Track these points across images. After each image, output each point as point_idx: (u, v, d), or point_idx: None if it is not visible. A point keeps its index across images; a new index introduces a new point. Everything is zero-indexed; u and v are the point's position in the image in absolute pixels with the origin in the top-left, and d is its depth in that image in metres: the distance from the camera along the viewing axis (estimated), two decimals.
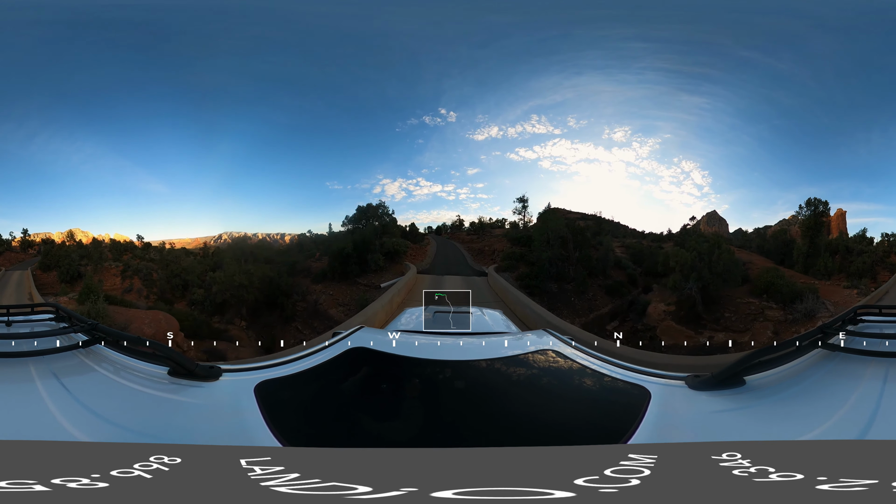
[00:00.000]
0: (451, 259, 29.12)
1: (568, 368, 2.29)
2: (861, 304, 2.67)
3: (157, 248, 24.32)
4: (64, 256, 17.79)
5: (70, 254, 18.00)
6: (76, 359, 2.13)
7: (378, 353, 2.35)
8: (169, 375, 2.10)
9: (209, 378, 2.10)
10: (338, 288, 24.19)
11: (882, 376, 1.84)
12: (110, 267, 19.97)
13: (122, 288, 19.43)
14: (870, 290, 17.15)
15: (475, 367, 2.23)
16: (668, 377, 2.12)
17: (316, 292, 23.69)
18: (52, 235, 22.51)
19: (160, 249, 24.22)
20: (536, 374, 2.29)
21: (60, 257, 17.83)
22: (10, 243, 20.75)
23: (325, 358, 2.28)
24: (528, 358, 2.38)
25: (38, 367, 1.97)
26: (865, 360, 1.96)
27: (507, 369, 2.29)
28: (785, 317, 14.94)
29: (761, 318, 15.13)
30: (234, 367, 2.24)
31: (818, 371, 2.01)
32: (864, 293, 16.52)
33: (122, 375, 2.08)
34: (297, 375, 2.16)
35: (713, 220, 27.98)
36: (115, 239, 24.11)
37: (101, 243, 21.98)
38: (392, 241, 26.71)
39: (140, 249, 23.64)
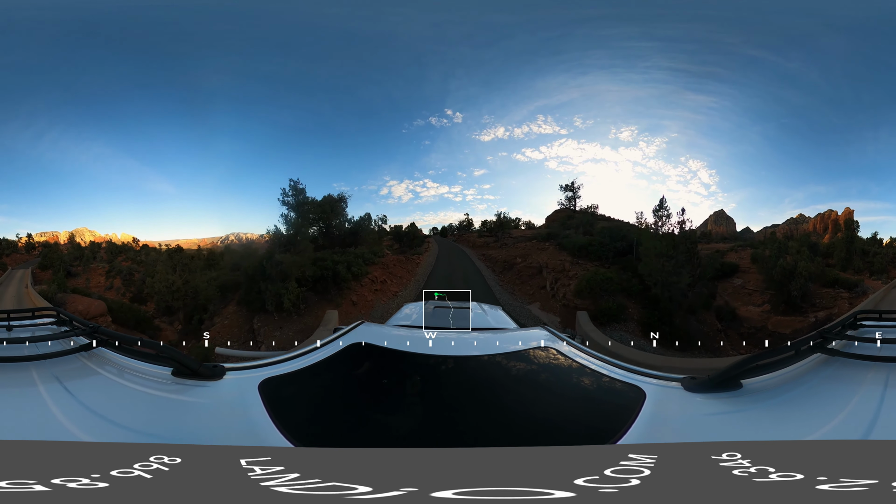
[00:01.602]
0: (459, 279, 20.90)
1: (567, 366, 2.30)
2: (861, 309, 2.66)
3: (154, 249, 24.65)
4: (57, 258, 21.18)
5: (62, 256, 21.36)
6: (78, 362, 2.12)
7: (380, 348, 2.36)
8: (172, 376, 2.10)
9: (213, 377, 2.11)
10: (234, 318, 17.52)
11: (883, 381, 1.83)
12: (97, 267, 22.23)
13: (105, 286, 21.07)
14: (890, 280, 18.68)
15: (476, 362, 2.24)
16: (664, 378, 2.11)
17: (224, 314, 18.20)
18: (58, 233, 24.25)
19: (156, 250, 24.46)
20: (536, 370, 2.31)
21: (54, 259, 21.19)
22: (17, 245, 23.44)
23: (327, 354, 2.30)
24: (529, 354, 2.40)
25: (39, 371, 1.97)
26: (865, 365, 1.95)
27: (507, 365, 2.32)
28: (850, 297, 17.81)
29: (838, 299, 17.91)
30: (237, 366, 2.25)
31: (817, 375, 1.99)
32: (885, 281, 18.64)
33: (125, 377, 2.08)
34: (300, 372, 2.17)
35: (721, 219, 27.86)
36: (112, 239, 25.14)
37: (98, 245, 23.76)
38: (342, 258, 18.13)
39: (133, 251, 24.40)
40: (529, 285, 19.67)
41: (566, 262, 19.34)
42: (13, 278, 20.44)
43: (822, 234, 25.41)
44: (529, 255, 21.32)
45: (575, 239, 21.19)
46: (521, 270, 20.67)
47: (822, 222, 25.93)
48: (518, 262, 21.31)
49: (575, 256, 19.88)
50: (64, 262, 21.02)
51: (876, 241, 22.30)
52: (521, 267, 20.94)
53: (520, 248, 22.82)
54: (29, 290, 18.69)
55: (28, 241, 23.79)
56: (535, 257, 20.79)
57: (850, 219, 22.59)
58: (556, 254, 20.60)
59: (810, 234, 24.33)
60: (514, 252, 22.47)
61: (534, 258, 20.73)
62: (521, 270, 20.73)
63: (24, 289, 18.97)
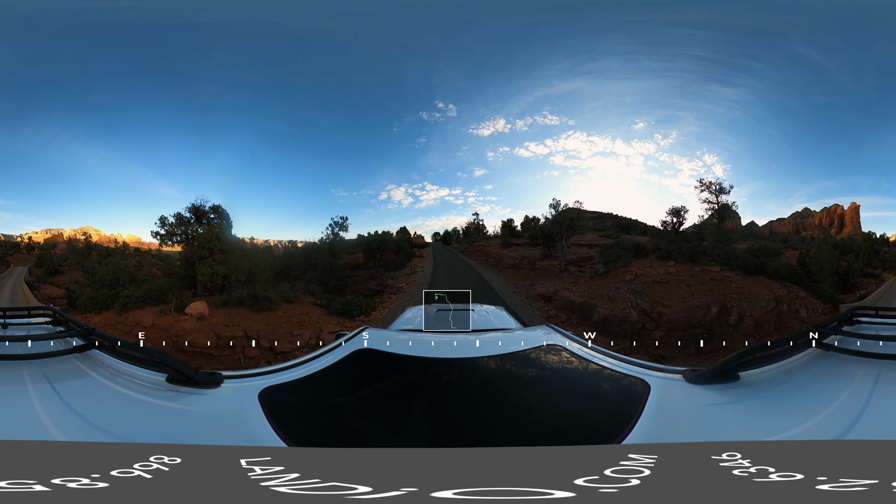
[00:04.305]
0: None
1: (572, 363, 2.30)
2: (858, 305, 2.68)
3: (141, 251, 26.07)
4: (48, 259, 24.50)
5: (52, 256, 24.59)
6: (71, 363, 2.09)
7: (384, 353, 2.35)
8: (167, 382, 2.04)
9: (210, 385, 2.04)
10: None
11: (874, 377, 1.86)
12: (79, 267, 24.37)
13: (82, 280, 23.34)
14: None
15: (481, 364, 2.23)
16: (667, 370, 2.14)
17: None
18: (63, 231, 26.49)
19: (140, 251, 25.99)
20: (543, 370, 2.31)
21: (45, 259, 24.60)
22: (19, 245, 26.25)
23: (331, 361, 2.26)
24: (534, 355, 2.40)
25: (30, 371, 1.94)
26: (859, 361, 1.98)
27: (513, 366, 2.30)
28: (876, 283, 19.16)
29: (869, 285, 18.87)
30: (236, 374, 2.18)
31: (811, 369, 2.04)
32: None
33: (117, 381, 2.03)
34: (303, 380, 2.12)
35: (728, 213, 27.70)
36: (117, 238, 26.67)
37: (93, 246, 25.28)
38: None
39: (122, 253, 25.47)
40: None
41: (790, 294, 12.77)
42: (14, 274, 24.01)
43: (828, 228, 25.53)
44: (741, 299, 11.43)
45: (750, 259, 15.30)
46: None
47: (829, 217, 25.96)
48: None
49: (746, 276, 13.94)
50: (52, 262, 24.34)
51: (886, 241, 23.32)
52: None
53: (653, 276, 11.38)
54: (21, 283, 22.71)
55: (29, 241, 26.49)
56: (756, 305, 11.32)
57: (856, 214, 23.05)
58: (756, 284, 12.49)
59: (826, 229, 24.57)
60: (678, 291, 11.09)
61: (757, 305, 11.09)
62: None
63: (20, 280, 23.10)
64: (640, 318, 12.59)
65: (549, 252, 16.84)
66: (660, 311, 12.38)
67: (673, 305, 12.55)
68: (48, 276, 23.40)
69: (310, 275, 19.86)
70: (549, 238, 16.77)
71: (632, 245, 15.70)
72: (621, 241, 16.10)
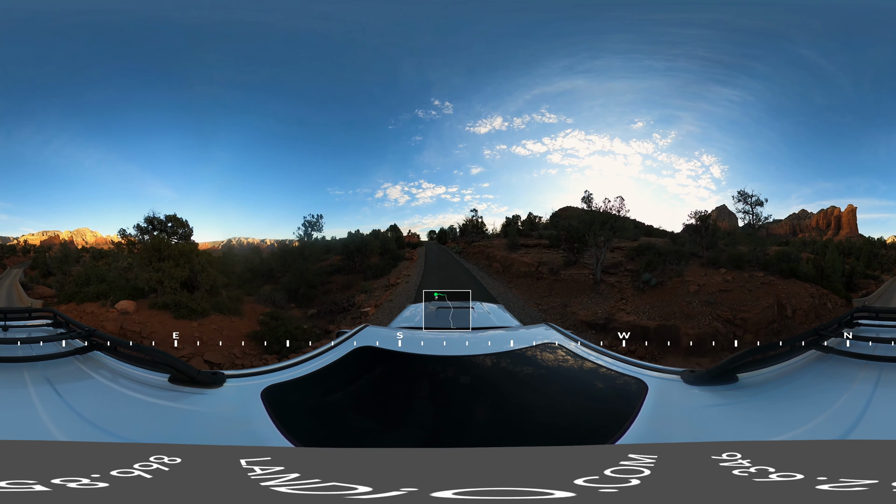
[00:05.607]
0: None
1: (572, 363, 2.31)
2: (859, 307, 2.67)
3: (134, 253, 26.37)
4: (41, 261, 25.26)
5: (46, 259, 25.36)
6: (73, 365, 2.09)
7: (384, 351, 2.35)
8: (169, 383, 2.04)
9: (212, 385, 2.04)
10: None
11: (874, 380, 1.85)
12: (71, 269, 25.01)
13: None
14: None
15: (481, 363, 2.23)
16: (666, 371, 2.14)
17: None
18: (60, 233, 27.12)
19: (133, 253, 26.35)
20: (541, 369, 2.31)
21: (39, 261, 25.41)
22: (15, 248, 26.79)
23: (333, 359, 2.26)
24: (533, 353, 2.40)
25: (31, 373, 1.94)
26: (859, 364, 1.97)
27: (512, 365, 2.31)
28: (875, 283, 20.98)
29: (869, 285, 20.71)
30: (238, 373, 2.18)
31: (810, 372, 2.02)
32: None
33: (119, 382, 2.03)
34: (306, 378, 2.13)
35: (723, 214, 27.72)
36: (114, 239, 26.85)
37: (89, 249, 26.61)
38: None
39: (115, 255, 25.39)
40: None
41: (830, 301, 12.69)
42: (10, 275, 24.58)
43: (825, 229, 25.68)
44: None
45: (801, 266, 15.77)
46: None
47: (826, 218, 26.09)
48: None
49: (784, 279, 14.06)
50: (46, 264, 25.09)
51: (884, 244, 23.83)
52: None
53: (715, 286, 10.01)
54: (17, 283, 23.44)
55: (25, 244, 27.13)
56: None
57: (853, 216, 23.52)
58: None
59: (822, 231, 24.83)
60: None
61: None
62: None
63: (15, 282, 23.80)
64: (728, 328, 11.90)
65: (575, 258, 14.30)
66: (743, 317, 12.30)
67: (750, 310, 12.61)
68: (42, 278, 24.25)
69: (287, 279, 18.95)
70: (578, 241, 14.00)
71: (668, 251, 14.09)
72: (655, 247, 14.20)
